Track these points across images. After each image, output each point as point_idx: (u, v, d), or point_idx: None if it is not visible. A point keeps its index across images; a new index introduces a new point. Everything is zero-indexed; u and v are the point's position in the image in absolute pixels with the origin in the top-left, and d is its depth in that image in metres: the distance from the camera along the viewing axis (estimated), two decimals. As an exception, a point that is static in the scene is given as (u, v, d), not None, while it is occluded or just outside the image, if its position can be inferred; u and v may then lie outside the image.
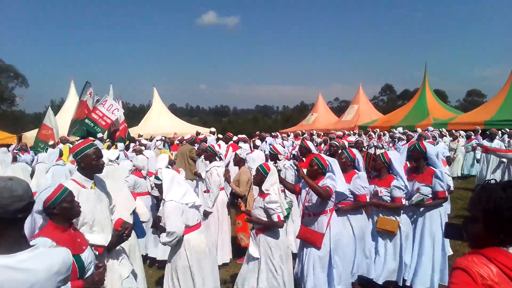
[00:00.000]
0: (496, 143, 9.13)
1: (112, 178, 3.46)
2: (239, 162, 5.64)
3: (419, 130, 12.70)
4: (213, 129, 14.57)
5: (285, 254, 3.75)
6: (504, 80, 18.38)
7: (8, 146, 11.65)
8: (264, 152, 10.33)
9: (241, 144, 9.51)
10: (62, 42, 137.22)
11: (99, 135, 11.58)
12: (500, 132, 11.20)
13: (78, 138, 11.45)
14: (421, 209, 4.26)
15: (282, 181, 4.19)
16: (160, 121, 21.44)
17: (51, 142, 11.37)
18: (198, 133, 13.71)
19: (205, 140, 10.08)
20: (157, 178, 3.69)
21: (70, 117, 13.58)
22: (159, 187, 3.62)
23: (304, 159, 5.79)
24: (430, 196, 4.22)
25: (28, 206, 1.54)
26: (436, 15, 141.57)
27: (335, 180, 3.78)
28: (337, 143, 6.32)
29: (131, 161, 6.25)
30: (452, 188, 5.95)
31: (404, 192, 4.11)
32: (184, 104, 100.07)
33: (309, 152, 5.80)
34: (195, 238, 3.56)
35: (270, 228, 3.70)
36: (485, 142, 8.99)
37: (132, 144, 11.76)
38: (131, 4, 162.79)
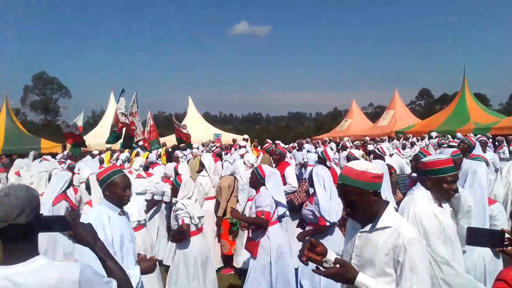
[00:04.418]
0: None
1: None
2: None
3: (459, 135, 12.21)
4: (246, 136, 14.67)
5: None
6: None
7: (54, 155, 12.28)
8: (303, 159, 10.26)
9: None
10: (102, 54, 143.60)
11: (140, 142, 12.00)
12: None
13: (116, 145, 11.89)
14: None
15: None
16: (195, 129, 21.86)
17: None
18: (234, 141, 13.88)
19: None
20: (177, 183, 4.22)
21: (109, 126, 14.18)
22: (175, 190, 4.20)
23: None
24: None
25: (30, 217, 1.47)
26: (473, 17, 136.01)
27: (269, 195, 3.90)
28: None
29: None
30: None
31: None
32: (217, 112, 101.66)
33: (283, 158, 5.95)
34: (199, 242, 4.13)
35: None
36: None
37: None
38: (168, 17, 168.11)
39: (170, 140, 17.61)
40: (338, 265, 1.75)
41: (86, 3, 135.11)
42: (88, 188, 4.51)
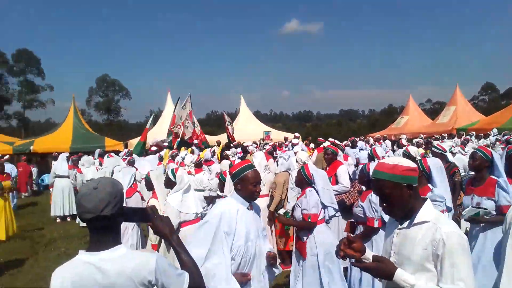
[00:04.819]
0: None
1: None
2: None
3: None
4: (297, 134, 14.66)
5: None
6: None
7: (117, 152, 13.11)
8: (355, 157, 10.05)
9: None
10: (160, 58, 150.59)
11: (195, 141, 12.49)
12: None
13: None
14: (480, 226, 3.57)
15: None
16: (247, 127, 22.22)
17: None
18: (286, 139, 13.93)
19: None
20: (222, 177, 4.33)
21: (167, 126, 14.88)
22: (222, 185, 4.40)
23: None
24: (494, 212, 3.50)
25: (115, 209, 1.58)
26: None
27: (314, 196, 3.83)
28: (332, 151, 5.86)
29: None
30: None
31: (440, 207, 3.46)
32: (268, 110, 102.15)
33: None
34: None
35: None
36: None
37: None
38: (220, 18, 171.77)
39: (223, 138, 18.05)
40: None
41: (142, 9, 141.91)
42: (147, 183, 4.77)
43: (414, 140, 12.76)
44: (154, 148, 12.13)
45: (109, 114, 50.34)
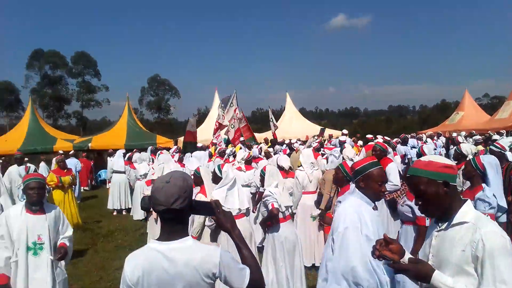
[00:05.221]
0: None
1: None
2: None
3: None
4: (345, 131, 14.42)
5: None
6: None
7: (168, 149, 13.66)
8: (406, 155, 9.73)
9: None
10: (206, 57, 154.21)
11: (242, 138, 12.73)
12: None
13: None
14: None
15: None
16: (292, 124, 22.16)
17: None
18: (331, 136, 13.77)
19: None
20: (262, 172, 4.56)
21: (213, 123, 15.29)
22: (262, 180, 4.56)
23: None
24: None
25: (184, 203, 1.65)
26: None
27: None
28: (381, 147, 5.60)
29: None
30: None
31: (490, 206, 3.28)
32: (313, 107, 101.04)
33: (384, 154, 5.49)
34: (285, 229, 4.30)
35: None
36: None
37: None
38: (266, 16, 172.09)
39: (270, 135, 18.15)
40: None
41: (190, 13, 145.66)
42: (196, 179, 4.91)
43: (473, 138, 12.04)
44: (199, 145, 12.52)
45: (159, 113, 52.37)
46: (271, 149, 9.80)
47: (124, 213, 10.67)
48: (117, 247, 7.45)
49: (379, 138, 10.30)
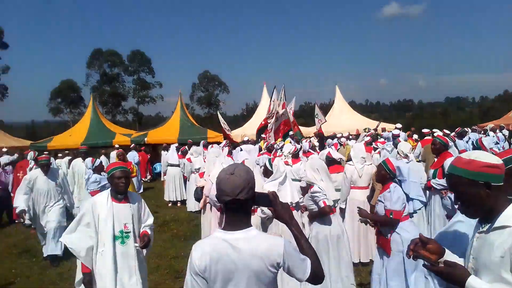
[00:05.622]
0: None
1: None
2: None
3: None
4: (399, 125, 13.93)
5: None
6: None
7: (218, 143, 14.04)
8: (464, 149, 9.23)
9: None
10: (255, 52, 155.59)
11: (291, 132, 12.78)
12: None
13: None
14: None
15: None
16: (342, 118, 21.75)
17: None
18: (383, 130, 13.40)
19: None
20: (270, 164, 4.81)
21: (263, 118, 15.46)
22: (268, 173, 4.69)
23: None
24: None
25: (248, 194, 1.71)
26: None
27: (398, 191, 3.64)
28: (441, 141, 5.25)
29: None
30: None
31: None
32: (363, 100, 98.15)
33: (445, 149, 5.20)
34: (331, 221, 4.25)
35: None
36: None
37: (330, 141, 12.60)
38: (315, 7, 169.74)
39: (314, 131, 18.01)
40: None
41: (239, 11, 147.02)
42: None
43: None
44: (246, 138, 12.74)
45: (209, 108, 53.65)
46: (317, 143, 9.71)
47: (179, 204, 11.13)
48: (173, 236, 7.82)
49: (438, 132, 9.82)
